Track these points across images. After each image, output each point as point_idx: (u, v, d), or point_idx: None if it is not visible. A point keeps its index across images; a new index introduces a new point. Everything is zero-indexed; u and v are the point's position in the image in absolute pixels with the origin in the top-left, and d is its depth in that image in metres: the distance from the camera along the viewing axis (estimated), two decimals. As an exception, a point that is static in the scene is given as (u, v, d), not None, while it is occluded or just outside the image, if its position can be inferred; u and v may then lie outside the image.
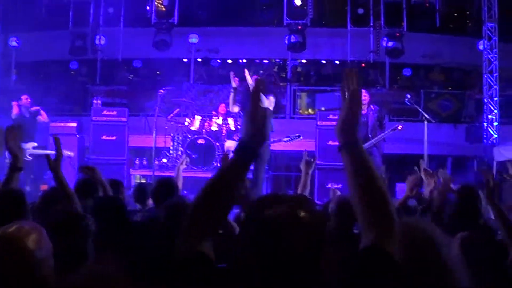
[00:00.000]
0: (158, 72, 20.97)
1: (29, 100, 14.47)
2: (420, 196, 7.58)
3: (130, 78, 21.43)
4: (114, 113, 15.29)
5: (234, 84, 12.71)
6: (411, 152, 14.94)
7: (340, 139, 2.39)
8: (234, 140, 13.80)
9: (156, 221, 4.45)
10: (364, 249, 2.18)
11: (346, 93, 2.45)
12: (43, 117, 14.42)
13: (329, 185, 13.82)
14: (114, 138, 14.94)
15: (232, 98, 12.77)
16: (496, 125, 17.46)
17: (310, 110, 20.62)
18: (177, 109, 15.81)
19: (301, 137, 12.79)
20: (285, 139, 12.68)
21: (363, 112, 13.18)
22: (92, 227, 3.04)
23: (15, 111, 14.16)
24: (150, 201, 6.56)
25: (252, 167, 11.95)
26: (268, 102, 12.10)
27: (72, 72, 20.88)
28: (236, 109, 12.92)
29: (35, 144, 13.88)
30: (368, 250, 2.17)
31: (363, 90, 13.57)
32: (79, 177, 6.70)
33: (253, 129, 2.36)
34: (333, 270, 2.17)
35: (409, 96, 13.93)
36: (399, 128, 12.84)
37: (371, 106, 13.34)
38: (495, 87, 17.56)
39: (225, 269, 2.20)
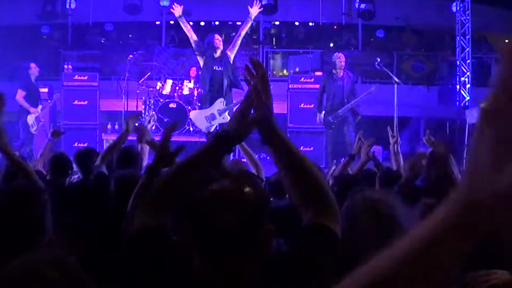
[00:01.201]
0: (129, 36, 20.77)
1: (37, 68, 14.44)
2: (376, 160, 7.63)
3: (102, 42, 21.21)
4: (85, 77, 15.15)
5: (177, 14, 12.56)
6: (384, 115, 14.97)
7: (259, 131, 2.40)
8: (194, 108, 13.71)
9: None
10: (304, 227, 2.19)
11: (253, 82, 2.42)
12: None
13: (301, 148, 13.86)
14: (85, 103, 14.83)
15: (185, 27, 12.66)
16: (469, 87, 17.55)
17: (285, 71, 20.59)
18: (149, 73, 15.73)
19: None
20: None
21: (339, 75, 13.19)
22: (49, 203, 3.00)
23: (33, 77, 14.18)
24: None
25: None
26: None
27: (44, 37, 20.62)
28: (193, 38, 12.73)
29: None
30: (308, 228, 2.18)
31: (340, 53, 13.57)
32: (53, 154, 6.58)
33: (242, 128, 2.39)
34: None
35: (378, 59, 13.93)
36: (372, 89, 12.92)
37: (346, 71, 13.36)
38: (468, 49, 17.61)
39: (179, 242, 2.17)
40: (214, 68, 12.52)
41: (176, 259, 2.17)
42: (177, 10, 12.57)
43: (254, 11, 12.69)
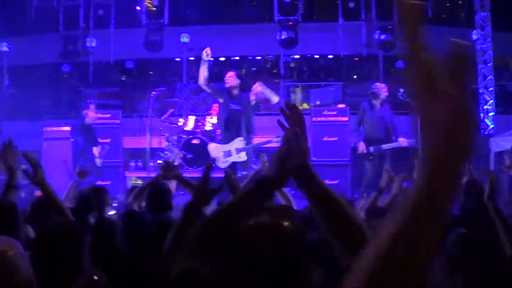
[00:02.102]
0: (150, 73, 20.97)
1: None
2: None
3: (123, 79, 21.40)
4: (108, 115, 15.27)
5: (205, 57, 12.59)
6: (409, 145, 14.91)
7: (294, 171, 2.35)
8: (215, 142, 13.69)
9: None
10: None
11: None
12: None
13: (327, 181, 13.79)
14: (108, 140, 14.90)
15: (202, 72, 12.65)
16: (492, 115, 17.48)
17: (305, 105, 20.60)
18: (171, 110, 15.81)
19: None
20: (275, 139, 12.64)
21: (379, 106, 13.15)
22: (89, 240, 3.04)
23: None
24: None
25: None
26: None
27: (65, 75, 20.83)
28: (205, 85, 12.72)
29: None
30: None
31: (382, 84, 13.54)
32: (78, 194, 6.59)
33: (282, 175, 2.35)
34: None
35: (402, 90, 13.92)
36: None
37: (385, 103, 13.33)
38: (490, 77, 17.58)
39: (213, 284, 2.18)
40: (231, 107, 12.50)
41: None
42: (206, 53, 12.63)
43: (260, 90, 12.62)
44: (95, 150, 13.91)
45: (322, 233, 2.33)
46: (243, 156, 12.36)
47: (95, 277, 3.17)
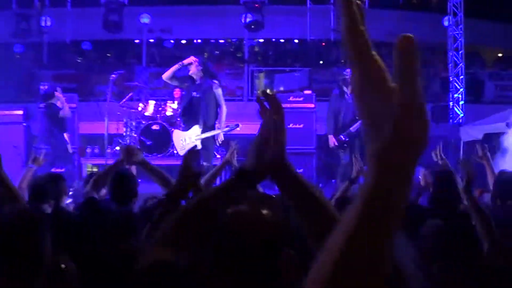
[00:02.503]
0: (108, 55, 20.79)
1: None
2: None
3: (79, 61, 21.18)
4: (63, 99, 15.06)
5: (186, 62, 12.52)
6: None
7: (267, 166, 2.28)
8: (179, 129, 13.62)
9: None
10: None
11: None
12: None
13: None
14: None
15: (174, 69, 12.57)
16: (462, 104, 17.66)
17: (269, 92, 20.57)
18: (130, 94, 15.69)
19: (240, 127, 12.62)
20: (225, 129, 12.56)
21: (349, 92, 13.17)
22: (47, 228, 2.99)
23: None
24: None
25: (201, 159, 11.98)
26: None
27: (17, 56, 20.52)
28: (170, 78, 12.65)
29: None
30: None
31: (347, 70, 13.52)
32: (33, 182, 6.47)
33: (261, 168, 2.30)
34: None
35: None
36: None
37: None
38: (461, 65, 17.74)
39: (188, 276, 2.19)
40: (193, 94, 12.43)
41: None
42: (190, 61, 12.53)
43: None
44: (67, 136, 13.82)
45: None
46: (198, 144, 12.31)
47: (63, 266, 3.12)
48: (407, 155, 1.14)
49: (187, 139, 12.51)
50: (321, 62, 21.25)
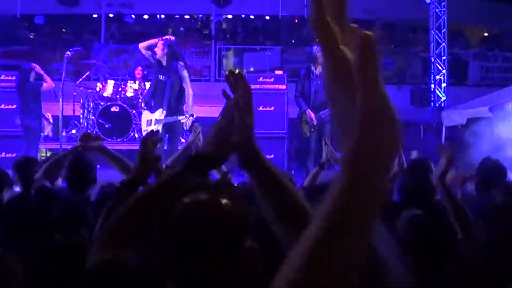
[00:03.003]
0: (63, 30, 20.60)
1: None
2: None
3: (32, 37, 20.96)
4: (13, 77, 14.91)
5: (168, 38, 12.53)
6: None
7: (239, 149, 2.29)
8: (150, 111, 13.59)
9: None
10: None
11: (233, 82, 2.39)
12: None
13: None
14: (14, 106, 14.57)
15: (152, 42, 12.55)
16: (445, 86, 17.75)
17: (238, 71, 20.56)
18: (87, 73, 15.58)
19: (194, 116, 12.61)
20: (180, 117, 12.53)
21: (318, 72, 13.15)
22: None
23: None
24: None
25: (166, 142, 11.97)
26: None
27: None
28: (146, 48, 12.63)
29: None
30: None
31: (315, 47, 13.51)
32: None
33: (220, 152, 2.32)
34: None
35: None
36: None
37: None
38: (443, 44, 17.80)
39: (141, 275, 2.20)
40: (159, 78, 12.45)
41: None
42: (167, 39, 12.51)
43: None
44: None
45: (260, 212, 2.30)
46: (159, 129, 12.30)
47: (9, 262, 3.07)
48: (375, 163, 1.15)
49: (153, 122, 12.49)
50: (293, 40, 21.23)
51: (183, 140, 13.22)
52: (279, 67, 18.32)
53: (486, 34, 22.57)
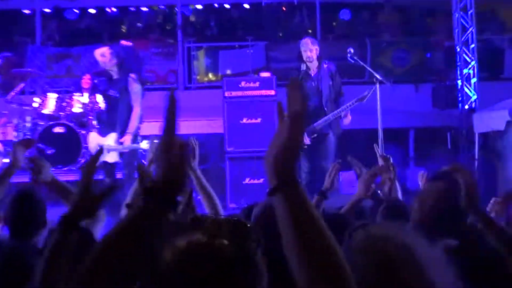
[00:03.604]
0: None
1: None
2: (376, 194, 7.63)
3: None
4: None
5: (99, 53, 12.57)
6: (357, 127, 14.92)
7: (274, 177, 2.38)
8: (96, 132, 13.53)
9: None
10: None
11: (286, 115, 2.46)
12: None
13: (247, 180, 13.86)
14: None
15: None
16: (475, 82, 17.70)
17: (210, 76, 20.52)
18: (21, 85, 15.45)
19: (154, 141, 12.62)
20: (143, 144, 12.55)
21: (313, 72, 13.15)
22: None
23: None
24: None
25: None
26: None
27: None
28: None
29: None
30: None
31: (307, 39, 13.50)
32: None
33: (166, 169, 2.36)
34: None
35: (352, 50, 13.88)
36: (366, 93, 12.86)
37: (326, 63, 13.29)
38: (471, 29, 17.77)
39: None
40: (110, 93, 12.49)
41: None
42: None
43: None
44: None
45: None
46: (114, 157, 12.25)
47: None
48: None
49: (105, 150, 12.41)
50: (280, 34, 21.22)
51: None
52: (264, 67, 18.28)
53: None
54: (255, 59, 18.95)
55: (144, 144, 12.21)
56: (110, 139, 12.43)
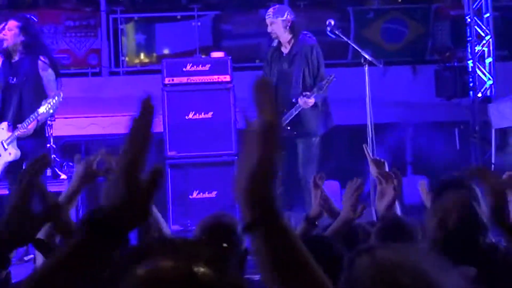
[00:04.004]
0: None
1: None
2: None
3: None
4: None
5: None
6: (339, 123, 14.90)
7: (249, 209, 2.46)
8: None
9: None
10: None
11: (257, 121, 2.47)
12: None
13: (195, 194, 13.78)
14: None
15: None
16: (490, 62, 17.76)
17: (143, 57, 20.48)
18: None
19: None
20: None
21: (286, 49, 13.12)
22: None
23: None
24: None
25: None
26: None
27: None
28: None
29: None
30: None
31: (272, 9, 13.44)
32: None
33: (125, 198, 2.38)
34: None
35: (332, 22, 13.85)
36: (332, 76, 12.88)
37: (304, 36, 13.27)
38: (483, -4, 17.89)
39: None
40: (9, 80, 12.49)
41: None
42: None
43: None
44: None
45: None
46: (13, 152, 12.25)
47: None
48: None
49: (2, 146, 12.46)
50: (235, 1, 21.17)
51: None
52: (213, 46, 18.25)
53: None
54: (203, 35, 18.94)
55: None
56: (2, 133, 12.44)
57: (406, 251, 3.15)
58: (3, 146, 12.46)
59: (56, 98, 12.24)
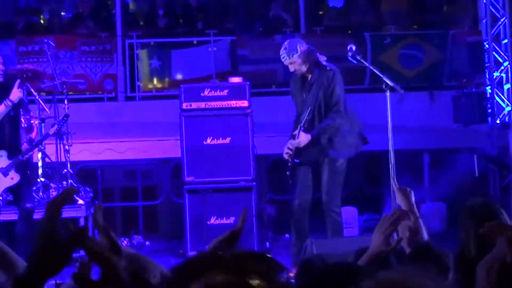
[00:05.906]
0: None
1: None
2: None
3: None
4: None
5: None
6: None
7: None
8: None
9: None
10: None
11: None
12: None
13: (213, 220, 13.81)
14: None
15: None
16: (509, 88, 17.80)
17: (156, 82, 20.46)
18: None
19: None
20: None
21: (308, 79, 13.08)
22: None
23: None
24: None
25: None
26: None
27: None
28: None
29: None
30: None
31: (284, 50, 13.37)
32: None
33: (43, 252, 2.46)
34: None
35: (353, 47, 13.76)
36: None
37: (326, 65, 13.21)
38: (504, 20, 17.90)
39: None
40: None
41: None
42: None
43: None
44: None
45: None
46: (15, 177, 12.37)
47: None
48: None
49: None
50: (254, 25, 21.24)
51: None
52: (230, 71, 18.28)
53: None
54: (219, 60, 18.98)
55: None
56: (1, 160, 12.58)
57: (408, 272, 3.25)
58: (3, 173, 12.59)
59: None
